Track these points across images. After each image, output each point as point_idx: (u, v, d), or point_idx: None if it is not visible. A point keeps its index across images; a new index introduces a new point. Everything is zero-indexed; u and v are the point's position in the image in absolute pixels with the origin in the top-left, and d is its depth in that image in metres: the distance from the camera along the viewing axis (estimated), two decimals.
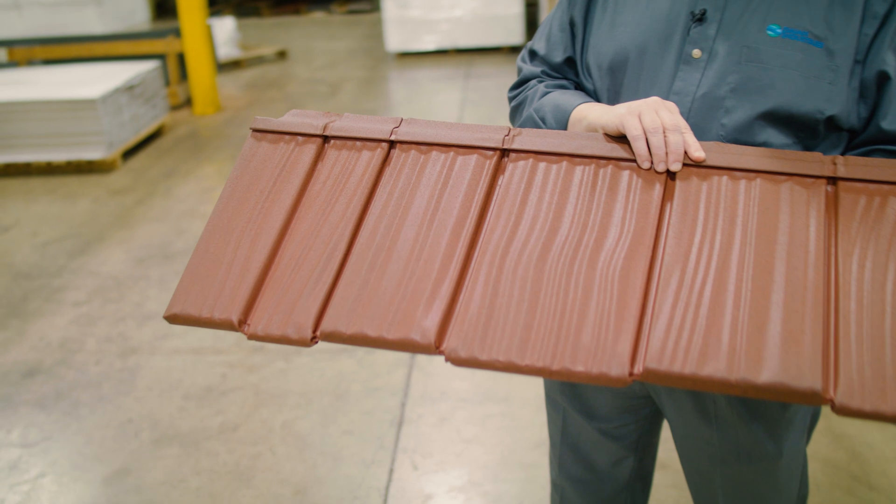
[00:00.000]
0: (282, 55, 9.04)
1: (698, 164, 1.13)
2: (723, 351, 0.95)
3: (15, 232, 4.42)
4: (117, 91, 5.33)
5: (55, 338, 3.31)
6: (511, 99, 1.46)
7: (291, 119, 1.31)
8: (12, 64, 6.61)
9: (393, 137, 1.24)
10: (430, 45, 8.71)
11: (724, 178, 1.12)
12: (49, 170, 5.31)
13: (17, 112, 5.10)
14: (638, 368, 0.97)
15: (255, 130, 1.31)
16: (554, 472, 1.73)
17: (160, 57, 6.71)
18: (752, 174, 1.12)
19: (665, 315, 1.00)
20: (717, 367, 0.95)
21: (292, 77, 8.08)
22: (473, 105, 6.58)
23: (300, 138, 1.28)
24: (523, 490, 2.38)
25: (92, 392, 2.94)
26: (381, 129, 1.25)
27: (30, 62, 6.67)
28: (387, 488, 2.41)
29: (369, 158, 1.23)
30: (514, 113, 1.45)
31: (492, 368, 1.00)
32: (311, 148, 1.26)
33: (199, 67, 6.45)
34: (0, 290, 3.75)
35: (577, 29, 1.37)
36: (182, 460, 2.56)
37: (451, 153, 1.21)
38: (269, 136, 1.30)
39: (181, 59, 6.76)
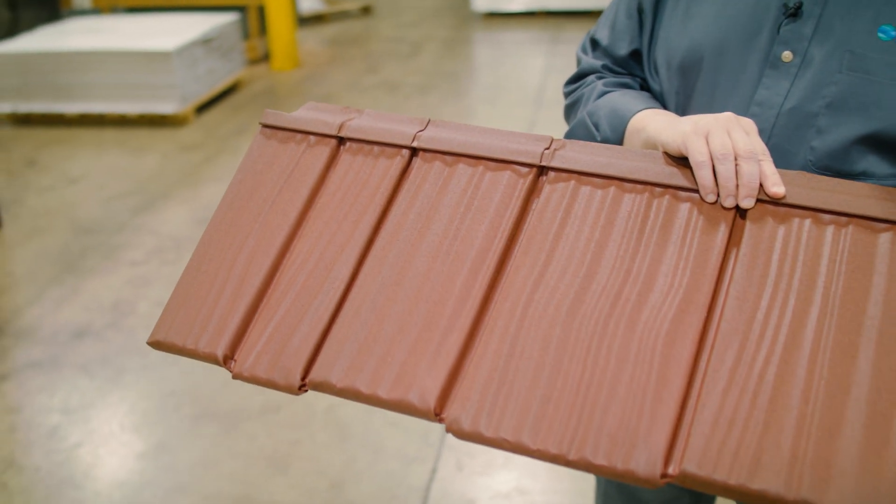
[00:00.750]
0: (366, 11, 8.87)
1: (776, 202, 0.92)
2: (782, 459, 0.76)
3: (83, 185, 4.40)
4: (193, 44, 5.25)
5: (108, 298, 3.26)
6: (566, 95, 1.27)
7: (306, 114, 1.14)
8: (95, 11, 6.60)
9: (415, 144, 1.06)
10: (518, 5, 8.42)
11: (808, 223, 0.90)
12: (122, 121, 5.28)
13: (93, 62, 5.07)
14: (673, 469, 0.78)
15: (265, 126, 1.15)
16: None
17: (241, 9, 6.62)
18: (844, 218, 0.90)
19: (714, 401, 0.80)
20: (772, 480, 0.75)
21: (375, 34, 7.92)
22: (558, 72, 6.31)
23: (312, 138, 1.12)
24: (575, 500, 2.21)
25: (138, 359, 2.88)
26: (402, 133, 1.08)
27: (113, 9, 6.65)
28: (427, 488, 2.27)
29: (386, 168, 1.06)
30: (569, 112, 1.26)
31: (498, 447, 0.83)
32: (323, 151, 1.10)
33: (279, 21, 6.33)
34: (60, 244, 3.73)
35: (646, 18, 1.16)
36: (219, 441, 2.47)
37: (481, 167, 1.03)
38: (280, 133, 1.14)
39: (262, 11, 6.65)
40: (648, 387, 0.82)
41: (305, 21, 8.11)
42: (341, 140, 1.11)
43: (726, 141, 0.92)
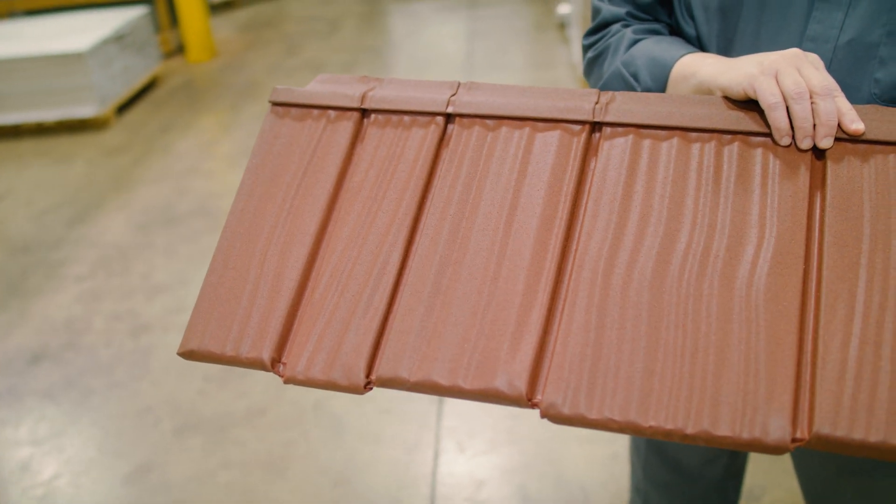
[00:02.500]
0: None
1: (854, 139, 0.87)
2: None
3: (8, 202, 4.17)
4: (106, 42, 5.01)
5: (59, 318, 3.09)
6: (587, 48, 1.19)
7: (320, 87, 1.05)
8: None
9: (450, 110, 0.98)
10: None
11: (892, 158, 0.85)
12: (40, 130, 5.02)
13: (1, 71, 4.80)
14: (802, 432, 0.73)
15: (276, 104, 1.05)
16: (637, 478, 1.51)
17: (148, 1, 6.36)
18: None
19: (835, 357, 0.74)
20: None
21: (288, 15, 7.70)
22: (483, 37, 6.24)
23: (332, 113, 1.03)
24: (586, 467, 2.18)
25: (104, 377, 2.73)
26: (434, 99, 0.99)
27: (11, 14, 6.32)
28: (434, 473, 2.21)
29: (422, 138, 0.98)
30: (591, 67, 1.18)
31: (604, 429, 0.76)
32: (346, 126, 1.01)
33: (189, 10, 6.10)
34: None
35: None
36: (209, 451, 2.36)
37: (527, 129, 0.95)
38: (293, 110, 1.05)
39: (170, 2, 6.40)
40: (759, 347, 0.76)
41: (216, 8, 7.85)
42: (364, 112, 1.02)
43: (798, 79, 0.86)
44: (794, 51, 0.89)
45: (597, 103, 0.95)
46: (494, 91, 1.00)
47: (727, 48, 1.03)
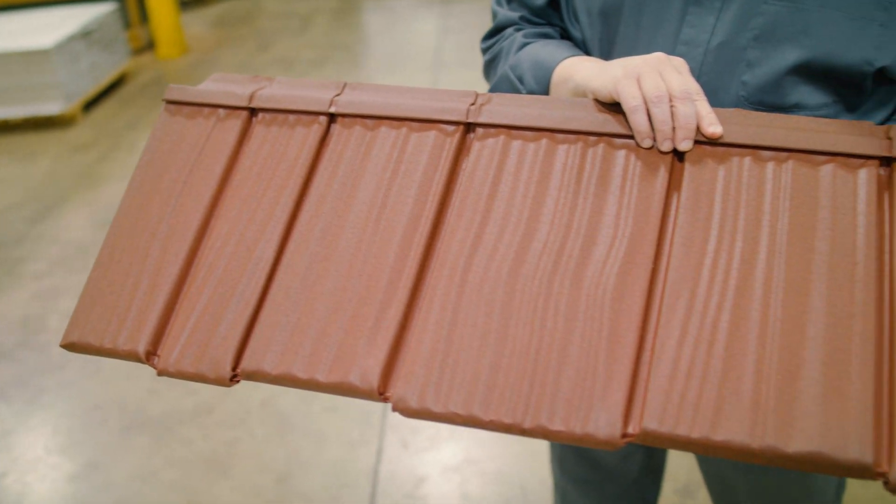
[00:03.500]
0: None
1: (714, 142, 0.88)
2: (744, 407, 0.72)
3: None
4: (72, 38, 4.99)
5: (15, 316, 3.09)
6: (484, 51, 1.20)
7: (212, 86, 1.06)
8: None
9: (333, 109, 1.00)
10: None
11: (747, 161, 0.86)
12: (5, 128, 5.00)
13: None
14: (634, 428, 0.74)
15: (169, 102, 1.06)
16: (556, 475, 1.53)
17: None
18: (784, 154, 0.86)
19: (669, 354, 0.76)
20: (735, 429, 0.72)
21: (262, 11, 7.69)
22: (454, 33, 6.24)
23: (222, 111, 1.04)
24: (526, 466, 2.19)
25: (56, 377, 2.73)
26: (318, 99, 1.01)
27: None
28: (375, 471, 2.22)
29: (304, 137, 0.99)
30: (488, 70, 1.19)
31: (449, 422, 0.78)
32: (234, 124, 1.02)
33: (160, 6, 6.08)
34: None
35: None
36: (154, 450, 2.37)
37: (404, 129, 0.97)
38: (186, 108, 1.06)
39: None
40: (600, 345, 0.78)
41: (188, 4, 7.83)
42: (253, 111, 1.03)
43: (659, 82, 0.87)
44: (658, 55, 0.90)
45: (472, 104, 0.96)
46: (378, 91, 1.01)
47: (609, 51, 1.04)
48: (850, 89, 0.95)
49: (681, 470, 2.12)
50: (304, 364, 0.84)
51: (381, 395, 0.81)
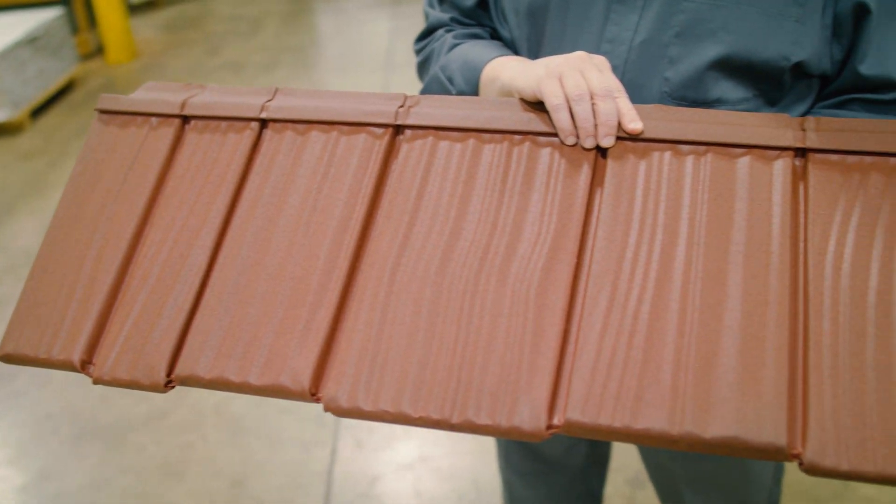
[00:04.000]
0: None
1: (636, 138, 0.91)
2: (663, 395, 0.75)
3: None
4: (18, 45, 4.92)
5: None
6: (417, 53, 1.22)
7: (145, 95, 1.07)
8: None
9: (264, 115, 1.01)
10: None
11: (667, 155, 0.89)
12: None
13: None
14: (558, 419, 0.76)
15: (102, 112, 1.07)
16: (502, 468, 1.55)
17: (64, 2, 6.26)
18: (703, 147, 0.89)
19: (591, 346, 0.79)
20: (655, 417, 0.74)
21: (212, 14, 7.63)
22: (405, 33, 6.24)
23: (154, 120, 1.05)
24: (478, 461, 2.21)
25: (5, 387, 2.70)
26: (249, 105, 1.02)
27: None
28: (330, 472, 2.23)
29: (236, 143, 1.00)
30: (421, 70, 1.21)
31: (379, 420, 0.80)
32: (167, 132, 1.03)
33: (108, 10, 6.00)
34: None
35: None
36: (106, 458, 2.35)
37: (334, 133, 0.98)
38: (119, 117, 1.06)
39: (88, 2, 6.30)
40: (525, 339, 0.80)
41: (137, 8, 7.74)
42: (185, 119, 1.04)
43: (580, 81, 0.90)
44: (580, 54, 0.93)
45: (401, 107, 0.98)
46: (308, 96, 1.02)
47: (537, 50, 1.07)
48: (769, 84, 0.98)
49: (631, 460, 2.15)
50: (236, 367, 0.85)
51: (312, 395, 0.82)
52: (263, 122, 1.01)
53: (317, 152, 0.97)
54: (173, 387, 0.87)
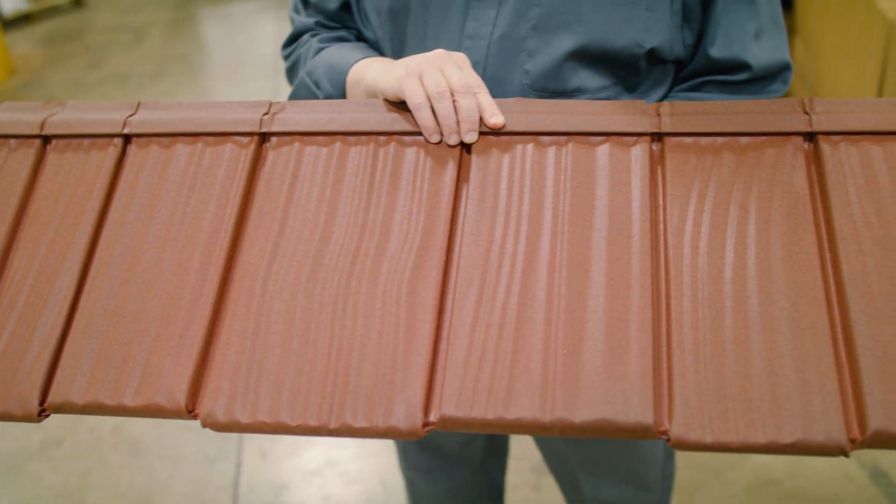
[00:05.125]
0: (78, 3, 8.29)
1: (498, 132, 0.92)
2: (534, 384, 0.76)
3: None
4: None
5: None
6: (285, 59, 1.22)
7: (1, 116, 1.04)
8: None
9: (127, 130, 0.99)
10: None
11: (530, 147, 0.91)
12: None
13: None
14: (434, 416, 0.77)
15: None
16: (402, 467, 1.56)
17: None
18: (563, 138, 0.92)
19: (463, 341, 0.80)
20: (526, 406, 0.75)
21: (93, 26, 7.41)
22: None
23: (13, 142, 1.02)
24: (386, 464, 2.22)
25: None
26: (111, 121, 1.00)
27: None
28: (236, 484, 2.20)
29: (100, 161, 0.98)
30: (290, 76, 1.21)
31: (259, 432, 0.79)
32: (27, 153, 1.00)
33: None
34: None
35: None
36: (1, 490, 2.27)
37: (200, 144, 0.97)
38: None
39: None
40: (398, 339, 0.80)
41: (11, 23, 7.46)
42: (46, 139, 1.01)
43: (440, 79, 0.91)
44: (439, 52, 0.94)
45: (265, 114, 0.97)
46: (171, 108, 1.00)
47: (401, 50, 1.07)
48: (626, 71, 1.01)
49: (535, 448, 2.18)
50: (110, 390, 0.83)
51: (189, 412, 0.81)
52: (127, 138, 0.99)
53: (182, 165, 0.96)
54: (47, 415, 0.85)
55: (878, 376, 0.74)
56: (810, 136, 0.90)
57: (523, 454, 2.16)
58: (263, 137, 0.96)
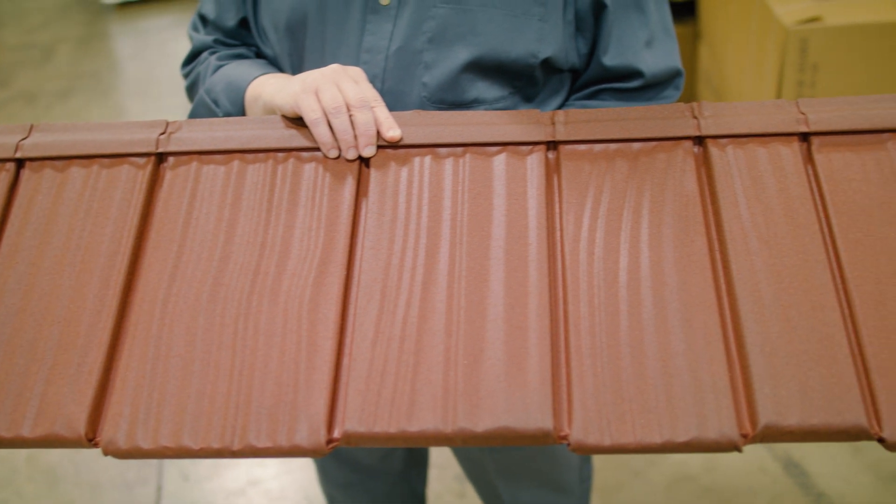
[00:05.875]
0: None
1: (395, 145, 0.93)
2: (436, 395, 0.77)
3: None
4: None
5: None
6: (185, 77, 1.21)
7: None
8: None
9: (19, 154, 0.97)
10: None
11: (428, 159, 0.92)
12: None
13: None
14: (338, 432, 0.77)
15: None
16: (322, 483, 1.55)
17: None
18: (460, 149, 0.93)
19: (364, 356, 0.80)
20: (428, 418, 0.76)
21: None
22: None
23: None
24: (309, 480, 2.20)
25: None
26: (2, 145, 0.98)
27: None
28: None
29: None
30: (190, 94, 1.20)
31: (162, 457, 0.78)
32: None
33: None
34: None
35: None
36: None
37: (95, 167, 0.95)
38: None
39: None
40: (300, 356, 0.80)
41: None
42: None
43: (336, 94, 0.91)
44: (334, 67, 0.94)
45: (162, 134, 0.96)
46: (66, 130, 0.99)
47: (299, 65, 1.07)
48: (522, 81, 1.03)
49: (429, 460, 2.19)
50: (6, 422, 0.80)
51: (90, 440, 0.79)
52: (20, 162, 0.97)
53: (78, 189, 0.94)
54: None
55: (766, 372, 0.77)
56: (699, 140, 0.93)
57: (447, 463, 2.16)
58: (160, 158, 0.95)
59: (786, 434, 0.74)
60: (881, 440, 0.74)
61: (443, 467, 2.15)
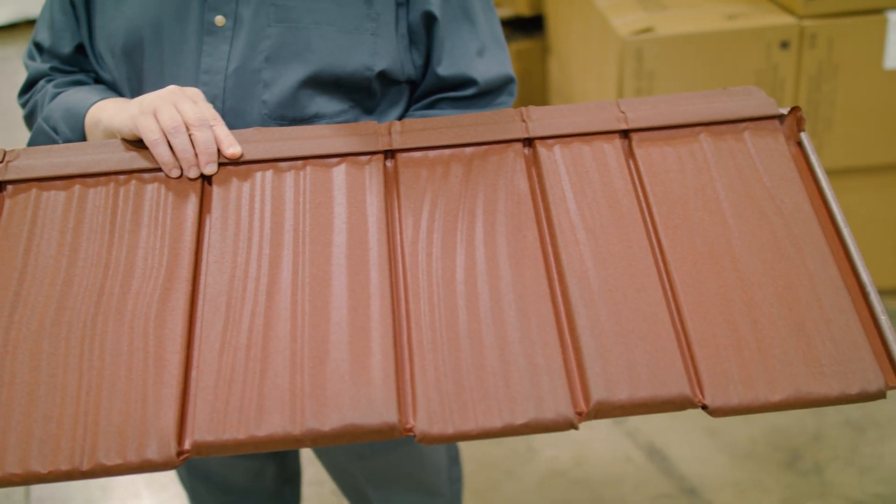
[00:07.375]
0: None
1: (237, 162, 0.95)
2: (283, 399, 0.80)
3: None
4: None
5: None
6: (22, 107, 1.19)
7: None
8: None
9: None
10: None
11: (269, 174, 0.95)
12: None
13: None
14: (189, 443, 0.79)
15: None
16: None
17: None
18: (300, 162, 0.96)
19: (212, 367, 0.82)
20: (277, 422, 0.79)
21: None
22: None
23: None
24: None
25: None
26: None
27: None
28: None
29: None
30: (29, 124, 1.18)
31: (9, 485, 0.78)
32: None
33: None
34: None
35: (79, 10, 1.12)
36: None
37: None
38: None
39: None
40: (147, 372, 0.82)
41: None
42: None
43: (174, 114, 0.93)
44: (172, 88, 0.96)
45: (0, 162, 0.95)
46: None
47: (139, 89, 1.08)
48: (360, 94, 1.07)
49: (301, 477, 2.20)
50: None
51: None
52: None
53: None
54: None
55: (596, 352, 0.83)
56: (529, 142, 0.99)
57: (324, 478, 2.17)
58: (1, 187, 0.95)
59: (617, 408, 0.80)
60: (704, 407, 0.81)
61: (320, 484, 2.16)
